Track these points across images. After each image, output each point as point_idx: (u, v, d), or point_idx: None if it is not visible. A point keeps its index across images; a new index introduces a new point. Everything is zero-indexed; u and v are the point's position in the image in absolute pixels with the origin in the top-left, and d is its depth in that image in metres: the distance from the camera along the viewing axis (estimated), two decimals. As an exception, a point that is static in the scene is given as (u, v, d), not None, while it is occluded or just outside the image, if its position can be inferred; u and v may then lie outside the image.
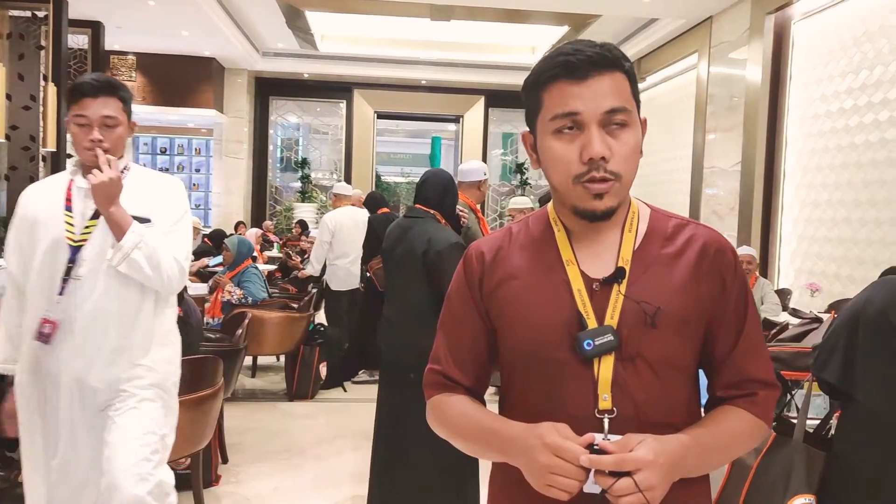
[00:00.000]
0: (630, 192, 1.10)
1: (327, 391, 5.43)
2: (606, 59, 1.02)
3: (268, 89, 11.65)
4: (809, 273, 5.49)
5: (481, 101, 11.75)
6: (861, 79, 4.95)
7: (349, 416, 4.96)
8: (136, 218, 2.00)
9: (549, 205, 1.16)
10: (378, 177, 16.33)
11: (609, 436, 0.98)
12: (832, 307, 4.04)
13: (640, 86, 9.39)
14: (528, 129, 1.12)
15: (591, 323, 1.03)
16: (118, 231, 1.97)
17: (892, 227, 4.51)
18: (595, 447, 0.93)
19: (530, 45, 10.41)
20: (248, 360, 5.79)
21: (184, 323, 3.23)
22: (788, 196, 5.89)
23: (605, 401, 1.01)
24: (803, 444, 1.65)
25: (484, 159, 11.90)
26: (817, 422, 1.81)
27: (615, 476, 0.90)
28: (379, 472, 2.90)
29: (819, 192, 5.41)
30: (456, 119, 12.18)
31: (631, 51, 8.81)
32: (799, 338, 2.24)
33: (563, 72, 1.03)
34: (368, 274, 5.69)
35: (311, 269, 6.32)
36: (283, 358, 5.86)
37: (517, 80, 10.61)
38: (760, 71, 6.02)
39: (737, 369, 1.09)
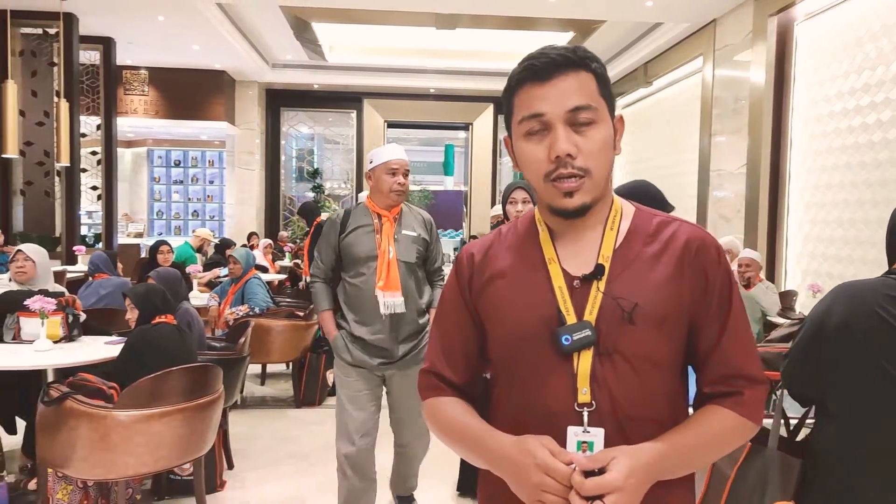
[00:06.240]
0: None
1: (334, 397, 5.46)
2: (570, 60, 1.05)
3: (278, 100, 11.79)
4: (815, 274, 5.44)
5: (490, 109, 11.79)
6: (863, 79, 4.92)
7: (355, 422, 5.00)
8: None
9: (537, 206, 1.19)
10: (390, 185, 16.43)
11: (589, 428, 1.01)
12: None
13: (646, 90, 9.25)
14: (507, 133, 1.16)
15: (571, 319, 1.06)
16: None
17: None
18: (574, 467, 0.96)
19: (537, 51, 10.43)
20: (257, 369, 5.86)
21: (180, 331, 3.30)
22: (794, 197, 5.86)
23: (584, 394, 1.04)
24: (778, 451, 1.66)
25: (494, 167, 11.94)
26: (795, 420, 1.81)
27: (589, 499, 0.93)
28: None
29: (824, 193, 5.38)
30: (465, 127, 12.22)
31: (637, 55, 8.81)
32: (786, 339, 2.24)
33: (529, 75, 1.06)
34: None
35: None
36: (291, 365, 5.91)
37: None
38: (764, 73, 6.00)
39: (722, 364, 1.09)
